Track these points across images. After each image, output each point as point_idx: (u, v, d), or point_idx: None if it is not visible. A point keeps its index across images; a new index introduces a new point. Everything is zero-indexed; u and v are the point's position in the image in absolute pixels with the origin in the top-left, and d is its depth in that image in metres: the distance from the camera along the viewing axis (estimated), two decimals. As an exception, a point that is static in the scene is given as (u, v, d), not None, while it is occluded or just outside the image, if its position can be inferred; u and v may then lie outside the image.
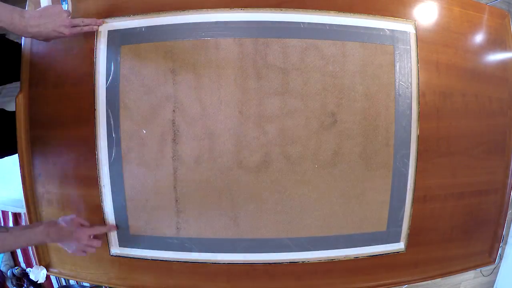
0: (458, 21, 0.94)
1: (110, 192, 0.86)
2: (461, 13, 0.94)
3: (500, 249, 1.06)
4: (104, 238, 0.88)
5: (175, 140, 0.83)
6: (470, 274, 2.08)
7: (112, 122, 0.84)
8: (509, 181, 1.03)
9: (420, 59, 0.88)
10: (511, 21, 1.03)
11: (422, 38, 0.89)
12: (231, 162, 0.84)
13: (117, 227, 0.88)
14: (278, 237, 0.86)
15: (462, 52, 0.94)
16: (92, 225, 0.84)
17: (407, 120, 0.87)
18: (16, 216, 2.05)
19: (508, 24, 1.02)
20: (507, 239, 2.11)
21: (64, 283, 1.95)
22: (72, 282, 1.96)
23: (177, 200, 0.85)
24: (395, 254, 0.92)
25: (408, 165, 0.88)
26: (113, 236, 0.89)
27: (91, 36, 0.85)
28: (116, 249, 0.89)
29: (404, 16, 0.89)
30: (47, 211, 0.92)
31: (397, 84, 0.85)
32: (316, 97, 0.83)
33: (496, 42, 0.99)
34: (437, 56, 0.91)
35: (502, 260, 2.13)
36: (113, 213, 0.87)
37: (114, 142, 0.85)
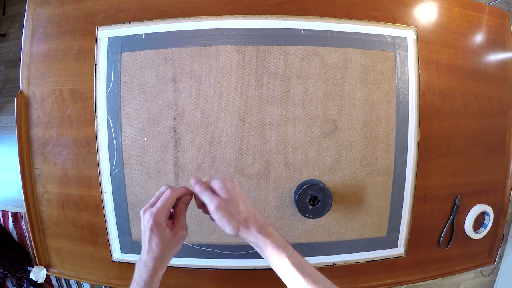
0: (458, 21, 0.94)
1: (112, 199, 0.86)
2: (461, 13, 0.94)
3: (500, 249, 1.07)
4: (106, 245, 0.89)
5: (176, 147, 0.83)
6: (470, 274, 2.10)
7: (113, 129, 0.84)
8: (509, 181, 1.03)
9: (420, 59, 0.88)
10: (511, 21, 1.03)
11: (422, 38, 0.89)
12: (232, 170, 0.84)
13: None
14: (279, 243, 0.87)
15: (462, 52, 0.94)
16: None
17: (408, 127, 0.87)
18: (17, 216, 2.06)
19: (508, 24, 1.01)
20: (507, 239, 2.13)
21: (64, 283, 1.96)
22: (72, 282, 1.98)
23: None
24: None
25: (408, 171, 0.88)
26: (115, 243, 0.89)
27: (91, 36, 0.86)
28: (118, 256, 0.90)
29: (405, 21, 0.88)
30: (47, 211, 0.93)
31: (398, 90, 0.85)
32: (317, 105, 0.83)
33: (496, 42, 0.99)
34: (437, 56, 0.91)
35: (502, 260, 2.14)
36: (115, 220, 0.87)
37: (115, 149, 0.85)
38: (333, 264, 0.89)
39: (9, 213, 2.07)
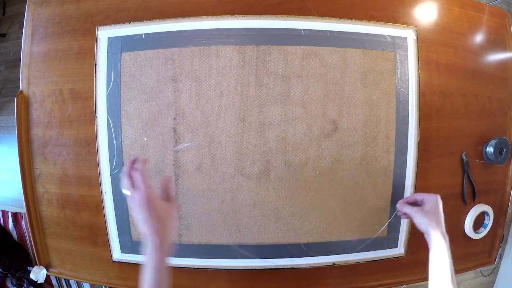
0: (458, 21, 0.94)
1: (112, 199, 0.86)
2: (461, 13, 0.95)
3: (500, 249, 1.07)
4: (106, 245, 0.89)
5: (176, 147, 0.83)
6: (470, 274, 2.10)
7: (113, 129, 0.84)
8: (509, 181, 1.04)
9: (420, 59, 0.88)
10: (511, 21, 1.03)
11: (422, 38, 0.89)
12: (232, 170, 0.84)
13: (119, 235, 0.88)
14: (279, 243, 0.87)
15: (462, 52, 0.94)
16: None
17: (408, 127, 0.87)
18: (17, 216, 2.06)
19: (508, 24, 1.02)
20: (507, 239, 2.13)
21: (64, 283, 1.96)
22: (72, 282, 1.98)
23: (178, 207, 0.85)
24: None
25: (408, 171, 0.88)
26: (115, 243, 0.89)
27: (91, 36, 0.86)
28: (118, 256, 0.90)
29: (405, 21, 0.89)
30: (47, 211, 0.93)
31: (398, 90, 0.85)
32: (317, 105, 0.83)
33: (496, 42, 0.99)
34: (437, 56, 0.91)
35: (502, 260, 2.14)
36: (115, 220, 0.87)
37: (115, 149, 0.85)
38: (333, 264, 0.89)
39: (9, 213, 2.07)
